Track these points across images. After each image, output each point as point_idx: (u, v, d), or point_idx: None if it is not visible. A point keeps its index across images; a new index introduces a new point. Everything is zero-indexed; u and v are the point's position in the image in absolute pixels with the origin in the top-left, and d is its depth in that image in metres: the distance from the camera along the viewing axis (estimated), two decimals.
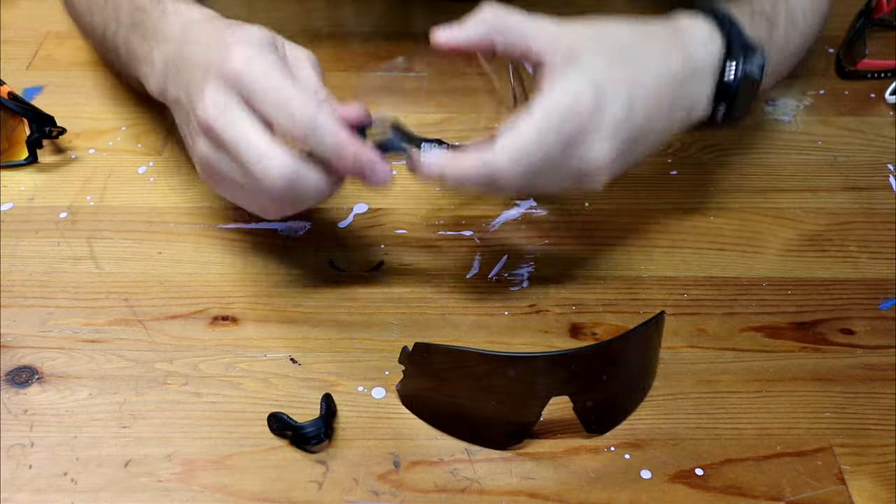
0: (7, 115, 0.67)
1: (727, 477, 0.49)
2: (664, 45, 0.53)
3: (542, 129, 0.47)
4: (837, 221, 0.65)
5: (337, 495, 0.47)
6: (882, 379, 0.54)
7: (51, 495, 0.47)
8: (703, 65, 0.54)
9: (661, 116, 0.52)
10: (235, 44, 0.48)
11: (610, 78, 0.49)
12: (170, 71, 0.54)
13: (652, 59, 0.52)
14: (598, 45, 0.50)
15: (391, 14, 0.85)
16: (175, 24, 0.55)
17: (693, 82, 0.54)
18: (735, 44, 0.54)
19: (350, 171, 0.47)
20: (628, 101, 0.49)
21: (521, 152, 0.47)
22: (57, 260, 0.60)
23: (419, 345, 0.48)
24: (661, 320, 0.50)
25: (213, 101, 0.47)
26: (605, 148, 0.49)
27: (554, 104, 0.47)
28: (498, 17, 0.50)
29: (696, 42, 0.54)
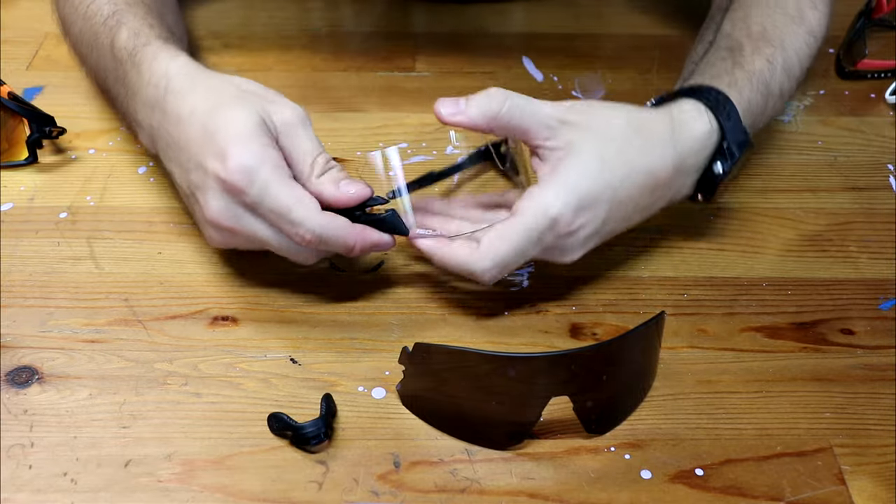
0: (7, 115, 0.67)
1: (727, 477, 0.49)
2: (660, 148, 0.54)
3: (521, 245, 0.51)
4: (837, 221, 0.65)
5: (337, 495, 0.47)
6: (882, 379, 0.54)
7: (51, 495, 0.47)
8: (693, 165, 0.56)
9: (638, 215, 0.55)
10: (230, 150, 0.48)
11: (592, 192, 0.51)
12: (158, 143, 0.54)
13: (643, 165, 0.53)
14: (594, 150, 0.52)
15: (391, 14, 0.85)
16: (152, 90, 0.54)
17: (679, 182, 0.56)
18: (730, 141, 0.55)
19: (357, 255, 0.52)
20: (606, 214, 0.52)
21: (500, 262, 0.51)
22: (57, 260, 0.60)
23: (419, 345, 0.48)
24: (661, 320, 0.50)
25: (220, 207, 0.50)
26: (575, 253, 0.54)
27: (536, 221, 0.51)
28: (505, 109, 0.51)
29: (692, 144, 0.55)
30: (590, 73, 0.79)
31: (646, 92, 0.76)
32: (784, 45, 0.62)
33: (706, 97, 0.55)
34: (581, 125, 0.52)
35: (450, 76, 0.78)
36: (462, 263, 0.52)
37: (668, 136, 0.54)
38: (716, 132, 0.55)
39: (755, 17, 0.63)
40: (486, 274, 0.52)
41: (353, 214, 0.52)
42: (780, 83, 0.61)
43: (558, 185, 0.51)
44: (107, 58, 0.60)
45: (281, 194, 0.49)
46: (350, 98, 0.75)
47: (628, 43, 0.83)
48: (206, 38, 0.81)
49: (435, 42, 0.82)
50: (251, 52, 0.80)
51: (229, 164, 0.48)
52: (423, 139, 0.71)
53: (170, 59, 0.54)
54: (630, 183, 0.53)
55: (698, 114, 0.55)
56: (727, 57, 0.60)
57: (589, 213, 0.52)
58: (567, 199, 0.51)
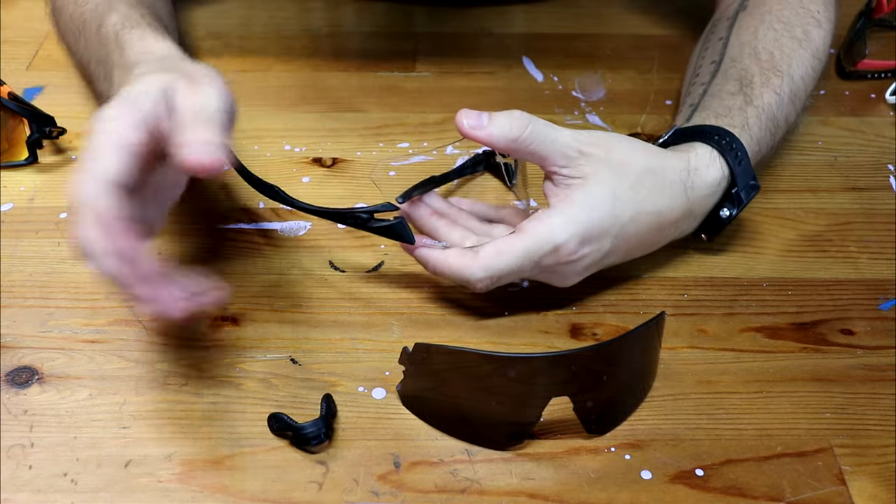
0: (7, 116, 0.67)
1: (727, 477, 0.49)
2: (672, 193, 0.54)
3: (521, 263, 0.51)
4: (837, 221, 0.65)
5: (337, 496, 0.47)
6: (882, 379, 0.54)
7: (51, 495, 0.47)
8: (701, 210, 0.57)
9: (639, 250, 0.56)
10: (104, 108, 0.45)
11: (599, 227, 0.52)
12: None
13: (654, 208, 0.54)
14: (608, 185, 0.52)
15: (391, 14, 0.85)
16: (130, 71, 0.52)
17: (684, 224, 0.57)
18: (739, 186, 0.56)
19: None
20: (610, 248, 0.53)
21: (494, 275, 0.52)
22: (57, 260, 0.60)
23: (419, 345, 0.48)
24: (662, 321, 0.50)
25: None
26: (572, 280, 0.55)
27: (538, 245, 0.51)
28: (526, 134, 0.51)
29: (704, 191, 0.56)
30: (590, 73, 0.79)
31: (645, 92, 0.76)
32: (791, 74, 0.62)
33: (719, 142, 0.56)
34: (599, 158, 0.52)
35: (450, 76, 0.78)
36: (456, 270, 0.52)
37: (683, 181, 0.55)
38: (726, 179, 0.56)
39: (763, 42, 0.64)
40: (479, 283, 0.52)
41: (361, 219, 0.52)
42: (787, 114, 0.62)
43: (568, 214, 0.51)
44: (92, 40, 0.60)
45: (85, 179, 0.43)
46: (350, 98, 0.75)
47: (628, 43, 0.83)
48: (206, 38, 0.81)
49: (435, 42, 0.82)
50: (251, 52, 0.80)
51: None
52: (423, 139, 0.71)
53: (154, 41, 0.55)
54: (638, 221, 0.53)
55: (712, 161, 0.56)
56: (737, 92, 0.61)
57: (593, 245, 0.52)
58: (574, 230, 0.51)
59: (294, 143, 0.70)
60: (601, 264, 0.55)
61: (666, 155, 0.55)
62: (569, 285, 0.55)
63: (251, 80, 0.77)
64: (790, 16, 0.65)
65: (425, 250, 0.54)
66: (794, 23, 0.65)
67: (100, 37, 0.59)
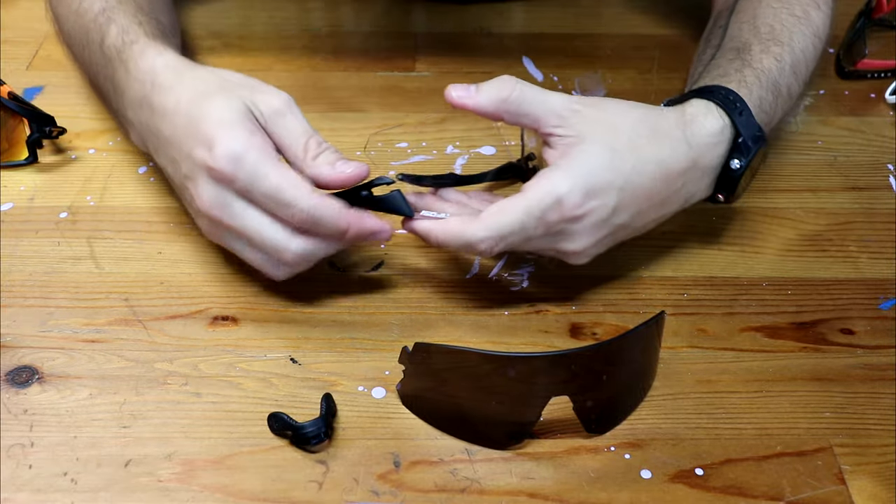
0: (7, 115, 0.67)
1: (727, 477, 0.49)
2: (672, 142, 0.53)
3: (524, 220, 0.50)
4: (837, 221, 0.65)
5: (337, 495, 0.47)
6: (882, 379, 0.54)
7: (51, 495, 0.47)
8: (709, 164, 0.55)
9: (652, 209, 0.54)
10: (217, 137, 0.48)
11: (602, 178, 0.51)
12: (148, 140, 0.55)
13: (654, 156, 0.52)
14: (604, 139, 0.51)
15: (391, 14, 0.85)
16: (135, 85, 0.54)
17: (695, 179, 0.55)
18: (744, 136, 0.55)
19: (352, 242, 0.52)
20: (616, 202, 0.52)
21: (497, 233, 0.50)
22: (57, 260, 0.60)
23: (419, 345, 0.48)
24: (661, 320, 0.50)
25: (211, 196, 0.49)
26: (583, 241, 0.52)
27: (540, 199, 0.50)
28: (515, 95, 0.51)
29: (706, 140, 0.54)
30: (590, 73, 0.79)
31: (645, 92, 0.76)
32: (792, 45, 0.61)
33: (716, 96, 0.55)
34: (591, 116, 0.52)
35: (450, 76, 0.78)
36: (458, 234, 0.51)
37: (680, 131, 0.54)
38: (728, 128, 0.55)
39: (762, 18, 0.63)
40: (482, 243, 0.50)
41: (359, 195, 0.52)
42: (788, 83, 0.61)
43: (567, 168, 0.51)
44: (97, 55, 0.60)
45: (270, 176, 0.48)
46: (350, 98, 0.75)
47: (628, 43, 0.83)
48: (206, 38, 0.81)
49: (435, 42, 0.82)
50: (251, 52, 0.80)
51: (216, 151, 0.48)
52: (423, 139, 0.71)
53: (156, 54, 0.55)
54: (641, 172, 0.52)
55: (709, 111, 0.55)
56: (735, 58, 0.60)
57: (598, 199, 0.51)
58: (575, 181, 0.50)
59: None
60: (611, 223, 0.52)
61: (659, 109, 0.55)
62: (583, 253, 0.53)
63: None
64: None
65: (425, 221, 0.52)
66: (793, 2, 0.64)
67: (103, 53, 0.59)
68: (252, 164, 0.48)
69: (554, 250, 0.53)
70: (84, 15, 0.62)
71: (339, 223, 0.50)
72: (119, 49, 0.57)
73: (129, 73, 0.55)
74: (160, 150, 0.53)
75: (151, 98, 0.53)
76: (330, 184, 0.50)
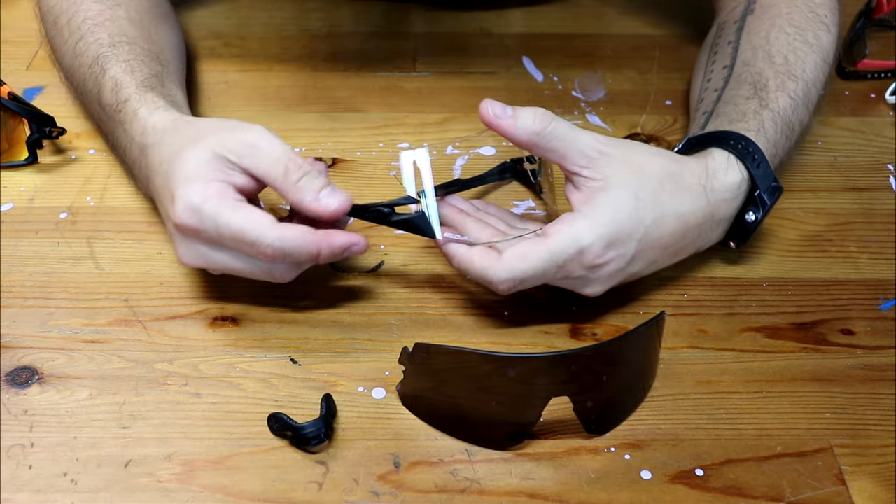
0: (7, 116, 0.67)
1: (727, 477, 0.49)
2: (692, 196, 0.54)
3: (545, 267, 0.51)
4: (837, 221, 0.65)
5: (337, 496, 0.47)
6: (882, 379, 0.54)
7: (51, 495, 0.47)
8: (724, 215, 0.56)
9: (665, 258, 0.55)
10: (176, 193, 0.49)
11: (624, 230, 0.51)
12: (150, 195, 0.57)
13: (675, 209, 0.53)
14: (630, 187, 0.52)
15: (389, 15, 0.85)
16: (136, 148, 0.56)
17: (709, 230, 0.56)
18: (761, 189, 0.55)
19: (329, 260, 0.52)
20: (635, 253, 0.52)
21: (518, 278, 0.51)
22: (57, 260, 0.60)
23: (419, 345, 0.48)
24: (661, 320, 0.50)
25: (186, 250, 0.52)
26: (597, 287, 0.54)
27: (563, 249, 0.50)
28: (549, 130, 0.51)
29: (724, 195, 0.55)
30: (590, 73, 0.79)
31: (645, 92, 0.76)
32: (805, 78, 0.62)
33: (735, 146, 0.56)
34: (619, 160, 0.52)
35: (450, 76, 0.78)
36: (480, 271, 0.52)
37: (702, 185, 0.54)
38: (746, 182, 0.56)
39: (776, 46, 0.63)
40: (501, 285, 0.51)
41: (382, 213, 0.53)
42: (801, 118, 0.62)
43: (592, 217, 0.51)
44: (96, 107, 0.62)
45: (231, 221, 0.49)
46: (350, 98, 0.75)
47: (628, 43, 0.83)
48: (206, 38, 0.81)
49: (434, 42, 0.82)
50: (251, 52, 0.80)
51: (177, 207, 0.49)
52: (423, 139, 0.71)
53: (147, 115, 0.56)
54: (661, 225, 0.53)
55: (729, 165, 0.55)
56: (752, 96, 0.60)
57: (618, 249, 0.52)
58: (600, 232, 0.51)
59: (294, 142, 0.70)
60: (626, 272, 0.53)
61: (683, 160, 0.55)
62: (595, 294, 0.54)
63: (251, 80, 0.77)
64: (801, 20, 0.65)
65: (452, 245, 0.53)
66: (806, 27, 0.64)
67: (102, 109, 0.60)
68: (210, 213, 0.49)
69: (565, 287, 0.54)
70: (80, 57, 0.63)
71: (309, 249, 0.50)
72: (115, 110, 0.58)
73: (127, 134, 0.57)
74: (157, 205, 0.55)
75: (145, 158, 0.55)
76: (314, 215, 0.51)
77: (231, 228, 0.49)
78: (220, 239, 0.50)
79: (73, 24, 0.64)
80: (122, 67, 0.60)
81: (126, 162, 0.60)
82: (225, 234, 0.49)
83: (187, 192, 0.49)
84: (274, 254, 0.49)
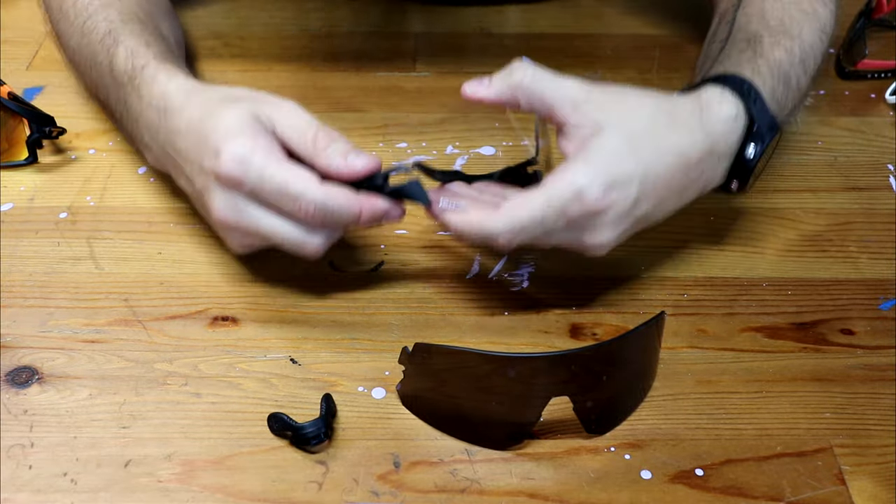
0: (7, 116, 0.67)
1: (727, 477, 0.49)
2: (688, 130, 0.53)
3: (544, 213, 0.49)
4: (837, 221, 0.65)
5: (337, 496, 0.47)
6: (882, 379, 0.54)
7: (51, 495, 0.47)
8: (724, 150, 0.55)
9: (671, 199, 0.53)
10: (222, 145, 0.49)
11: (623, 170, 0.50)
12: (166, 161, 0.55)
13: (672, 145, 0.52)
14: (621, 127, 0.51)
15: (389, 15, 0.85)
16: (151, 112, 0.55)
17: (712, 166, 0.55)
18: (759, 124, 0.54)
19: (366, 225, 0.52)
20: (638, 194, 0.51)
21: (517, 226, 0.49)
22: (57, 260, 0.60)
23: (419, 345, 0.48)
24: (661, 320, 0.50)
25: (223, 204, 0.50)
26: (606, 234, 0.51)
27: (560, 192, 0.49)
28: (528, 81, 0.51)
29: (721, 126, 0.54)
30: (590, 73, 0.79)
31: None
32: (801, 38, 0.61)
33: (731, 83, 0.55)
34: (607, 103, 0.51)
35: (449, 76, 0.78)
36: (477, 225, 0.50)
37: (697, 118, 0.53)
38: (743, 115, 0.54)
39: (771, 12, 0.63)
40: (501, 236, 0.49)
41: (376, 185, 0.52)
42: (798, 75, 0.61)
43: (586, 160, 0.50)
44: (106, 78, 0.60)
45: (277, 173, 0.49)
46: (350, 98, 0.75)
47: (628, 43, 0.83)
48: (206, 38, 0.81)
49: (434, 42, 0.82)
50: (251, 52, 0.80)
51: (222, 157, 0.49)
52: (422, 139, 0.71)
53: (167, 79, 0.55)
54: (661, 162, 0.51)
55: (723, 97, 0.54)
56: (746, 48, 0.60)
57: (619, 191, 0.50)
58: (595, 173, 0.49)
59: None
60: (633, 215, 0.51)
61: (675, 97, 0.54)
62: (604, 245, 0.52)
63: (251, 80, 0.77)
64: None
65: (447, 211, 0.52)
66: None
67: (114, 77, 0.59)
68: (258, 165, 0.48)
69: (577, 245, 0.52)
70: (89, 35, 0.62)
71: (351, 209, 0.50)
72: (130, 75, 0.57)
73: (143, 100, 0.56)
74: (177, 170, 0.54)
75: (165, 121, 0.54)
76: (341, 175, 0.50)
77: (276, 180, 0.48)
78: (262, 192, 0.49)
79: (79, 5, 0.64)
80: (136, 41, 0.59)
81: (137, 131, 0.58)
82: (268, 187, 0.49)
83: (234, 144, 0.49)
84: (315, 212, 0.49)
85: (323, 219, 0.50)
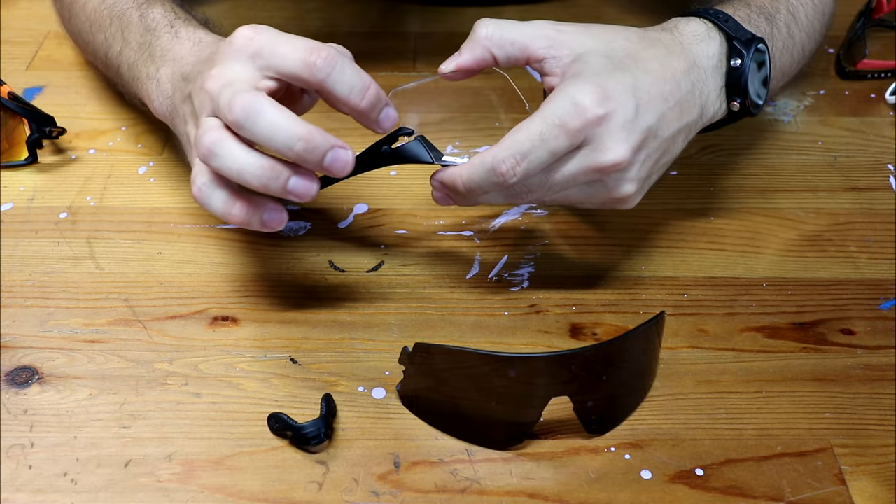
0: (7, 115, 0.67)
1: (727, 477, 0.49)
2: (663, 48, 0.53)
3: (542, 129, 0.48)
4: (837, 221, 0.65)
5: (337, 496, 0.47)
6: (882, 379, 0.54)
7: (51, 495, 0.47)
8: (705, 61, 0.54)
9: (673, 116, 0.52)
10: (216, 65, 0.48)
11: (613, 81, 0.50)
12: (176, 89, 0.54)
13: (653, 62, 0.52)
14: (599, 50, 0.51)
15: (389, 15, 0.85)
16: (185, 44, 0.56)
17: (698, 80, 0.54)
18: (736, 37, 0.54)
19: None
20: (635, 102, 0.50)
21: (520, 151, 0.48)
22: (57, 260, 0.60)
23: (419, 345, 0.48)
24: (661, 320, 0.50)
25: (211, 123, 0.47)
26: (620, 148, 0.49)
27: (555, 106, 0.48)
28: (492, 32, 0.52)
29: (694, 40, 0.54)
30: None
31: None
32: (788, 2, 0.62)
33: (696, 14, 0.56)
34: (580, 33, 0.52)
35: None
36: (478, 165, 0.49)
37: (669, 36, 0.54)
38: (714, 30, 0.55)
39: None
40: (503, 164, 0.48)
41: (380, 150, 0.52)
42: (787, 22, 0.61)
43: (575, 77, 0.50)
44: (131, 28, 0.60)
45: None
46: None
47: None
48: None
49: (434, 42, 0.82)
50: None
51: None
52: None
53: (205, 33, 0.57)
54: (647, 70, 0.51)
55: (689, 20, 0.55)
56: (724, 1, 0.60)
57: (615, 100, 0.49)
58: (586, 81, 0.49)
59: None
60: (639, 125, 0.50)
61: (642, 28, 0.55)
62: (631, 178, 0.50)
63: None
64: None
65: (450, 169, 0.51)
66: None
67: (144, 25, 0.59)
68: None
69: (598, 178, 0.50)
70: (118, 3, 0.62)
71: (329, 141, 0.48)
72: (171, 21, 0.58)
73: (179, 36, 0.56)
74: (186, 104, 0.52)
75: (198, 48, 0.55)
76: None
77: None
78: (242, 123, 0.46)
79: None
80: (173, 4, 0.61)
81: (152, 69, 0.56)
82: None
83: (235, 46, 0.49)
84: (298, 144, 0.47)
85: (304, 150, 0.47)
